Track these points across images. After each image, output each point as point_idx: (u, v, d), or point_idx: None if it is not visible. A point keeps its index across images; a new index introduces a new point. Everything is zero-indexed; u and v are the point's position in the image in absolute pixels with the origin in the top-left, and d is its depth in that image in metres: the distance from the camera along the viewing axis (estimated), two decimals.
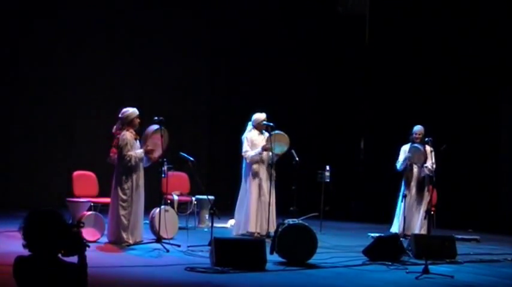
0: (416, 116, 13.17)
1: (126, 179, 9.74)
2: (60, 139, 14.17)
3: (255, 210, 11.00)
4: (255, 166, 11.10)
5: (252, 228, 11.00)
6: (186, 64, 15.58)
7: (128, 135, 9.75)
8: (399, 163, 11.74)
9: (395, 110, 15.23)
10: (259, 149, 11.04)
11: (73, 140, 14.25)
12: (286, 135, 11.09)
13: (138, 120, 9.85)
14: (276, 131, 11.00)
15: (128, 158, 9.64)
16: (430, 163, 11.37)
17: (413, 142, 11.65)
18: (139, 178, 9.85)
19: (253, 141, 11.17)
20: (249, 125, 11.32)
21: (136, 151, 9.72)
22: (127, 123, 9.83)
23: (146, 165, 9.96)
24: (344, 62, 16.36)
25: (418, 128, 11.67)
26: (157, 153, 9.89)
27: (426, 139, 11.21)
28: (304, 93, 16.40)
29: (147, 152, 9.77)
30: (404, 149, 11.76)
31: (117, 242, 9.61)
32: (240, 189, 11.27)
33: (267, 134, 11.13)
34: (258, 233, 10.86)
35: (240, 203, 11.22)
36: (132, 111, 9.85)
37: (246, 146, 11.14)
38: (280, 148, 11.06)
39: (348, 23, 16.35)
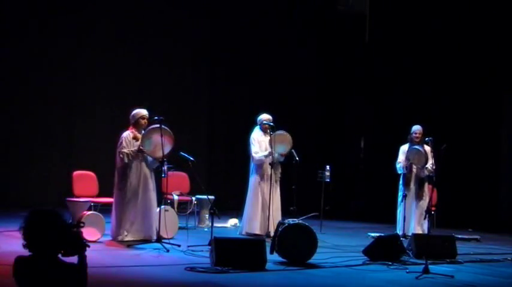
0: (416, 116, 13.17)
1: (123, 176, 9.91)
2: (60, 139, 14.17)
3: (256, 211, 11.04)
4: (261, 167, 11.11)
5: (251, 229, 11.04)
6: (186, 64, 15.57)
7: (125, 134, 9.94)
8: (399, 165, 11.68)
9: (396, 109, 15.23)
10: (266, 151, 11.07)
11: (73, 140, 14.24)
12: (287, 134, 11.10)
13: (144, 121, 9.99)
14: (278, 132, 11.01)
15: (121, 155, 9.82)
16: (430, 164, 11.35)
17: (412, 142, 11.60)
18: (141, 177, 9.90)
19: (260, 141, 11.19)
20: (257, 126, 11.35)
21: (131, 149, 9.80)
22: (133, 123, 10.02)
23: (154, 166, 10.02)
24: (344, 60, 16.36)
25: (416, 128, 11.61)
26: (162, 152, 9.82)
27: (426, 139, 11.17)
28: (304, 92, 16.39)
29: (140, 151, 9.82)
30: (403, 150, 11.70)
31: (114, 238, 9.84)
32: (248, 188, 11.30)
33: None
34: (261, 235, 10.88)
35: (246, 203, 11.26)
36: (137, 111, 10.07)
37: (255, 147, 11.17)
38: (283, 147, 11.07)
39: (348, 21, 16.35)
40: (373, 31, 16.24)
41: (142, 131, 9.99)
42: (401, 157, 11.69)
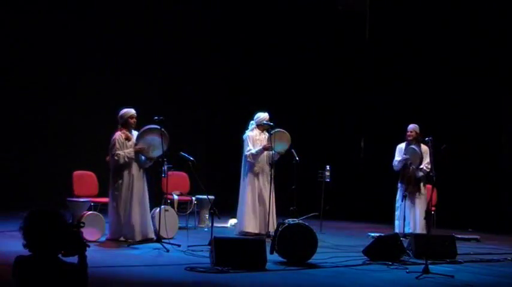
0: (416, 115, 13.15)
1: (117, 177, 9.93)
2: (60, 139, 14.17)
3: (251, 210, 11.03)
4: (255, 166, 11.10)
5: (249, 228, 11.03)
6: (185, 64, 15.58)
7: (117, 135, 9.92)
8: (396, 163, 11.70)
9: (396, 109, 15.21)
10: (260, 147, 11.05)
11: (73, 140, 14.25)
12: (286, 132, 11.09)
13: (133, 120, 9.98)
14: (277, 129, 11.00)
15: (116, 157, 9.81)
16: (425, 164, 11.36)
17: (407, 141, 11.61)
18: (134, 177, 9.90)
19: (255, 140, 11.17)
20: (251, 124, 11.32)
21: (126, 150, 9.80)
22: (122, 123, 10.01)
23: (146, 165, 10.03)
24: (344, 60, 16.35)
25: (410, 126, 11.62)
26: (156, 152, 9.90)
27: (426, 139, 11.16)
28: (304, 92, 16.38)
29: (138, 151, 9.83)
30: (400, 148, 11.71)
31: (112, 238, 9.89)
32: (240, 188, 11.29)
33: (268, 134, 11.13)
34: (257, 234, 10.88)
35: (240, 203, 11.25)
36: (126, 111, 10.03)
37: (249, 145, 11.14)
38: (282, 145, 11.06)
39: (348, 20, 16.34)
40: (373, 30, 16.23)
41: (133, 131, 9.99)
42: (397, 156, 11.70)
